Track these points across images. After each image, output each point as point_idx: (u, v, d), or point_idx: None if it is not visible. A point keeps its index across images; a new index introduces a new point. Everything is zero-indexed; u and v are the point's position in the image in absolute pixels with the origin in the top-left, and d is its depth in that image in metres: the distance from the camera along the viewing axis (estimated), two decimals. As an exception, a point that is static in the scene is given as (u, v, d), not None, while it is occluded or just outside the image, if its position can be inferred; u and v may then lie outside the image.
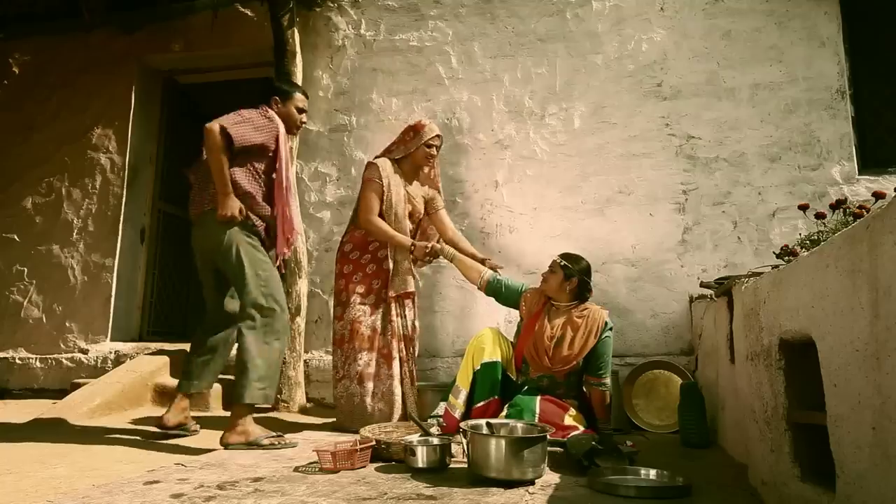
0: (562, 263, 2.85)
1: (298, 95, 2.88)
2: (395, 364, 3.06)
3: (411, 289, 3.16)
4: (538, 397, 2.66)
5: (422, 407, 3.22)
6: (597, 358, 2.75)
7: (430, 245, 3.10)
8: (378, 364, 3.05)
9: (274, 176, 2.73)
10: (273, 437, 2.56)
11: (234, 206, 2.61)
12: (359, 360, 3.03)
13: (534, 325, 2.84)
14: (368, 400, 3.00)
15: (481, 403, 2.70)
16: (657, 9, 4.03)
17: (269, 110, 2.78)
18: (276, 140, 2.72)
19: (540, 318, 2.85)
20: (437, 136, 3.26)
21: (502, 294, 3.02)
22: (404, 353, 3.12)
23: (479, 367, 2.73)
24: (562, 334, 2.77)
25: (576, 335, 2.75)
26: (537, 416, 2.57)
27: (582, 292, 2.87)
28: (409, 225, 3.25)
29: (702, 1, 3.98)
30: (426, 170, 3.35)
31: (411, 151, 3.22)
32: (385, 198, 3.14)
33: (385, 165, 3.18)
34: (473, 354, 2.77)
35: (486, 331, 2.83)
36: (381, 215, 3.13)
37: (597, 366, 2.76)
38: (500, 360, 2.76)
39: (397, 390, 3.04)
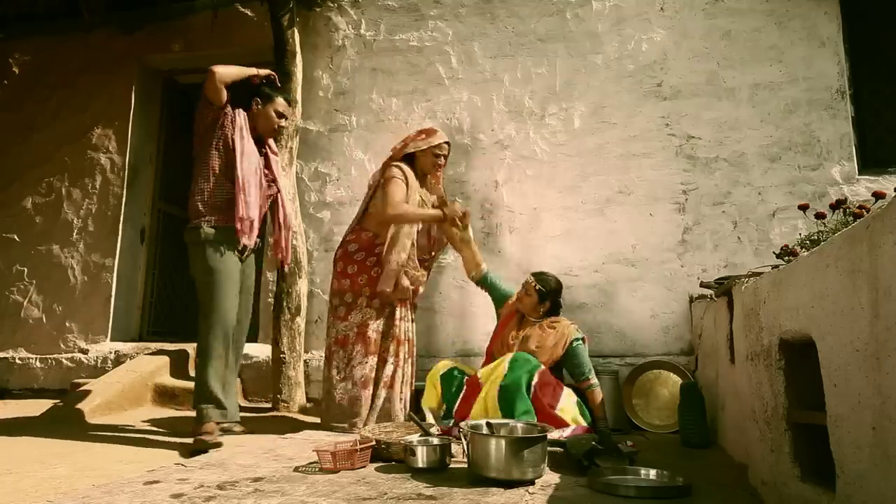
0: (537, 287, 3.03)
1: (279, 100, 2.92)
2: (388, 367, 3.06)
3: (423, 279, 3.23)
4: (538, 369, 2.75)
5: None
6: (574, 366, 2.92)
7: (463, 210, 3.19)
8: (378, 368, 3.06)
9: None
10: (203, 437, 2.55)
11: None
12: (365, 363, 3.02)
13: (503, 329, 3.09)
14: (370, 402, 3.00)
15: (458, 401, 2.81)
16: (657, 9, 4.03)
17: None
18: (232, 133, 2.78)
19: (510, 322, 3.09)
20: (447, 142, 3.28)
21: (492, 291, 3.28)
22: (400, 356, 3.09)
23: (438, 379, 2.92)
24: (527, 336, 2.99)
25: (543, 346, 2.92)
26: (535, 382, 2.68)
27: (554, 310, 3.12)
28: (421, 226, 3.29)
29: (702, 1, 3.98)
30: (432, 180, 3.34)
31: (420, 153, 3.21)
32: (409, 198, 3.11)
33: (406, 168, 3.17)
34: (430, 378, 2.97)
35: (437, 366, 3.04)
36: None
37: (578, 372, 2.92)
38: (455, 366, 3.00)
39: (382, 393, 3.03)
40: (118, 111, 4.78)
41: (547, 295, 3.02)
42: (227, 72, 2.75)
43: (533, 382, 2.66)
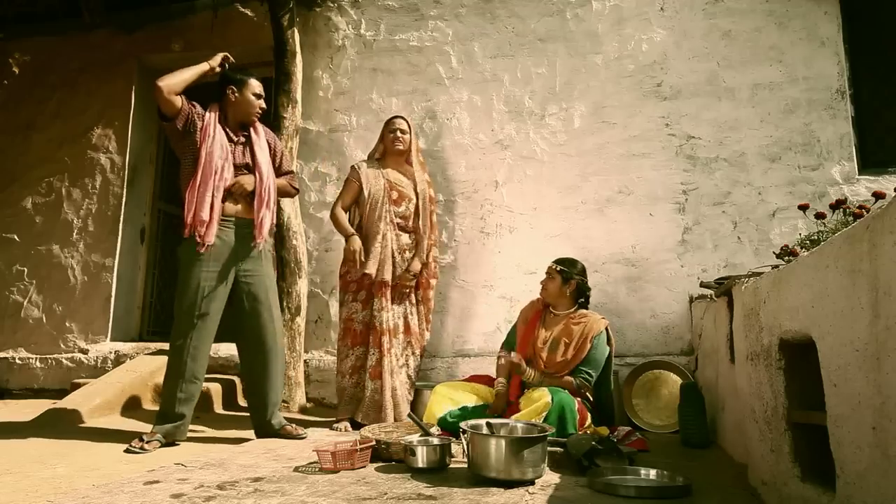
0: (558, 269, 2.95)
1: (253, 81, 2.87)
2: (371, 358, 3.16)
3: (386, 277, 3.22)
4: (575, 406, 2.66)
5: (421, 406, 3.22)
6: (587, 362, 2.82)
7: (357, 250, 3.16)
8: (364, 359, 3.17)
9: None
10: (139, 441, 2.56)
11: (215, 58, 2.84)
12: (351, 355, 3.19)
13: (531, 332, 2.95)
14: (356, 393, 3.15)
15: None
16: (657, 9, 4.03)
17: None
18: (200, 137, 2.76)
19: (536, 324, 2.96)
20: (392, 118, 3.43)
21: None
22: (382, 346, 3.15)
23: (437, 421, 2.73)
24: (556, 340, 2.87)
25: (570, 343, 2.84)
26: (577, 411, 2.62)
27: (581, 293, 2.97)
28: (394, 208, 3.31)
29: (702, 1, 3.98)
30: (403, 150, 3.40)
31: (384, 142, 3.42)
32: (364, 189, 3.30)
33: (361, 165, 3.40)
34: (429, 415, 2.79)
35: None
36: (357, 203, 3.34)
37: (581, 369, 2.82)
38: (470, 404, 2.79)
39: (369, 384, 3.13)
40: (118, 111, 4.78)
41: (570, 275, 2.92)
42: (175, 80, 2.71)
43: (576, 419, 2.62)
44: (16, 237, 4.78)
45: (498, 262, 3.96)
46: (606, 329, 2.89)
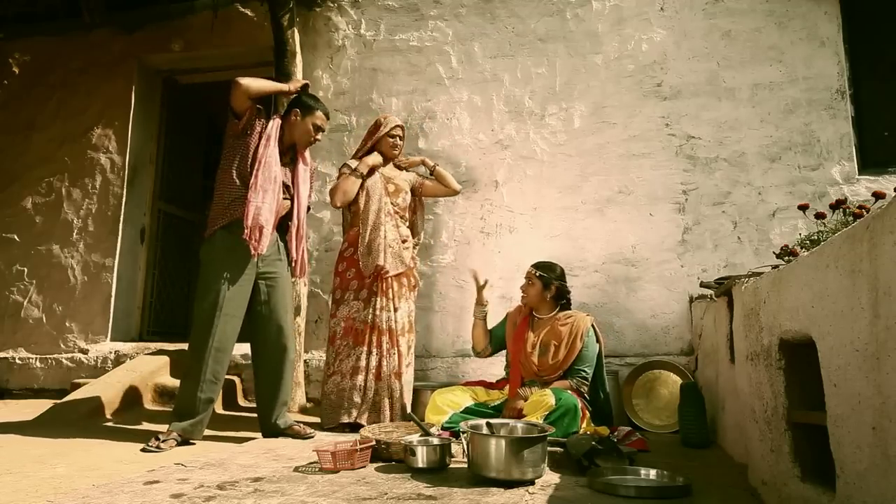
0: (538, 274, 2.99)
1: (318, 113, 2.92)
2: (373, 358, 3.11)
3: (395, 269, 3.21)
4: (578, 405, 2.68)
5: (421, 407, 3.21)
6: (581, 359, 2.86)
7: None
8: (366, 359, 3.11)
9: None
10: (156, 440, 2.58)
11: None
12: (352, 355, 3.11)
13: (520, 336, 2.98)
14: (361, 393, 3.06)
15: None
16: (657, 9, 4.03)
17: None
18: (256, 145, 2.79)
19: (525, 329, 2.99)
20: (398, 126, 3.41)
21: (493, 340, 3.19)
22: (382, 346, 3.13)
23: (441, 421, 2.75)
24: (546, 343, 2.90)
25: (560, 344, 2.87)
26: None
27: (562, 296, 3.03)
28: (391, 200, 3.34)
29: (702, 1, 3.98)
30: (398, 155, 3.45)
31: (377, 141, 3.38)
32: (365, 184, 3.28)
33: (352, 162, 3.38)
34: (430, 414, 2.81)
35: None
36: (356, 201, 3.30)
37: (575, 368, 2.86)
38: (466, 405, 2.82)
39: (371, 385, 3.09)
40: (118, 111, 4.78)
41: (550, 279, 2.98)
42: (254, 84, 2.74)
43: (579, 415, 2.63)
44: (16, 237, 4.78)
45: (498, 262, 3.96)
46: (593, 325, 2.94)
